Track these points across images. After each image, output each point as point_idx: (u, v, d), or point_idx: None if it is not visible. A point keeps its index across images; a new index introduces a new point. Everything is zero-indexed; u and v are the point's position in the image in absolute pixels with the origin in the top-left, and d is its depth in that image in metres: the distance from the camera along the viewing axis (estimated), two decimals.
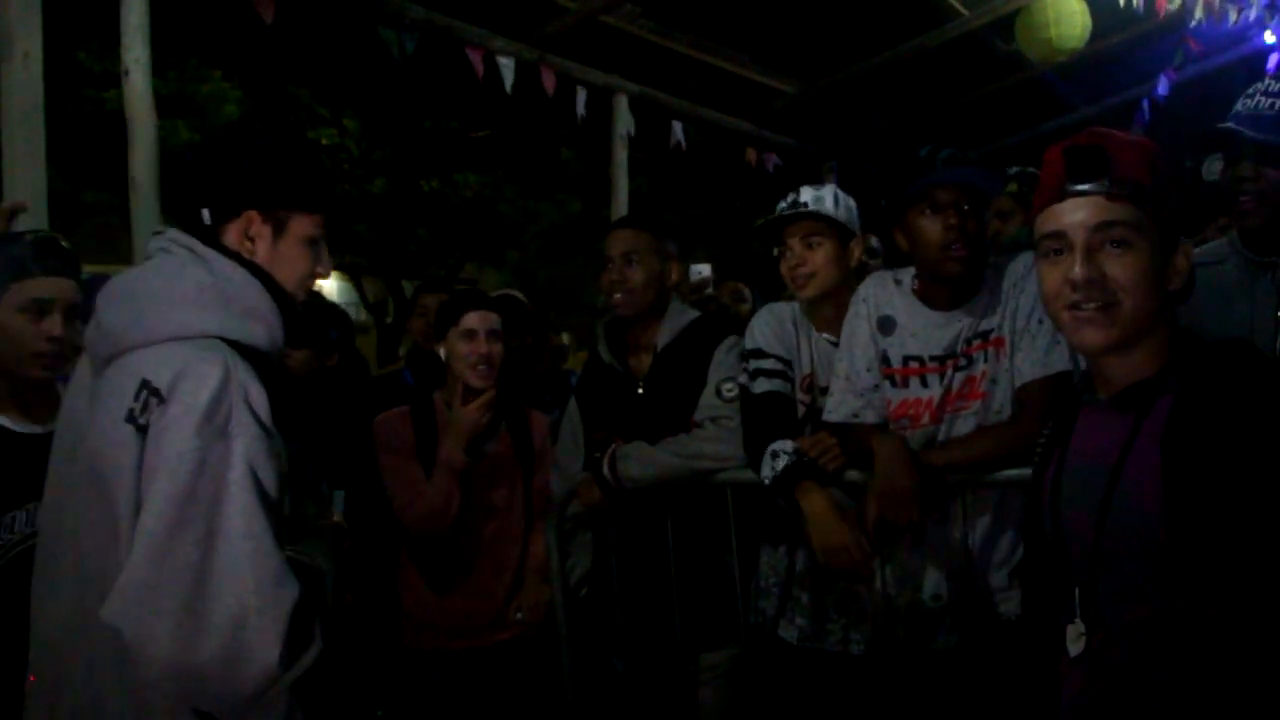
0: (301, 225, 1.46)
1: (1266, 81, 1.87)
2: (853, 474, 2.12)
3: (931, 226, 2.01)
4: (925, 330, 2.10)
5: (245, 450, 1.26)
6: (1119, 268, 1.23)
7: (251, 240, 1.43)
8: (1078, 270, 1.25)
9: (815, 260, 2.32)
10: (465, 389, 2.68)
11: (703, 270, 2.77)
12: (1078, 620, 1.27)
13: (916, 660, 2.15)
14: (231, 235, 1.43)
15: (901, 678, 2.18)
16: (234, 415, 1.27)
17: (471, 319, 2.66)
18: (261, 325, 1.40)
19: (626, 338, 2.58)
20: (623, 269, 2.48)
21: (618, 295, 2.48)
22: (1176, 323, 1.29)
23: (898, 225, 2.09)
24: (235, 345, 1.35)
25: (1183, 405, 1.19)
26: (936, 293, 2.10)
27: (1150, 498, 1.18)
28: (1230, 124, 1.85)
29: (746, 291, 3.70)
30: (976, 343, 2.06)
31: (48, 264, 1.84)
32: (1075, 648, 1.27)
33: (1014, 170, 3.37)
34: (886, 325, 2.15)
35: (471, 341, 2.66)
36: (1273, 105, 1.83)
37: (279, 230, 1.44)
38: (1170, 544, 1.16)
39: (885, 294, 2.17)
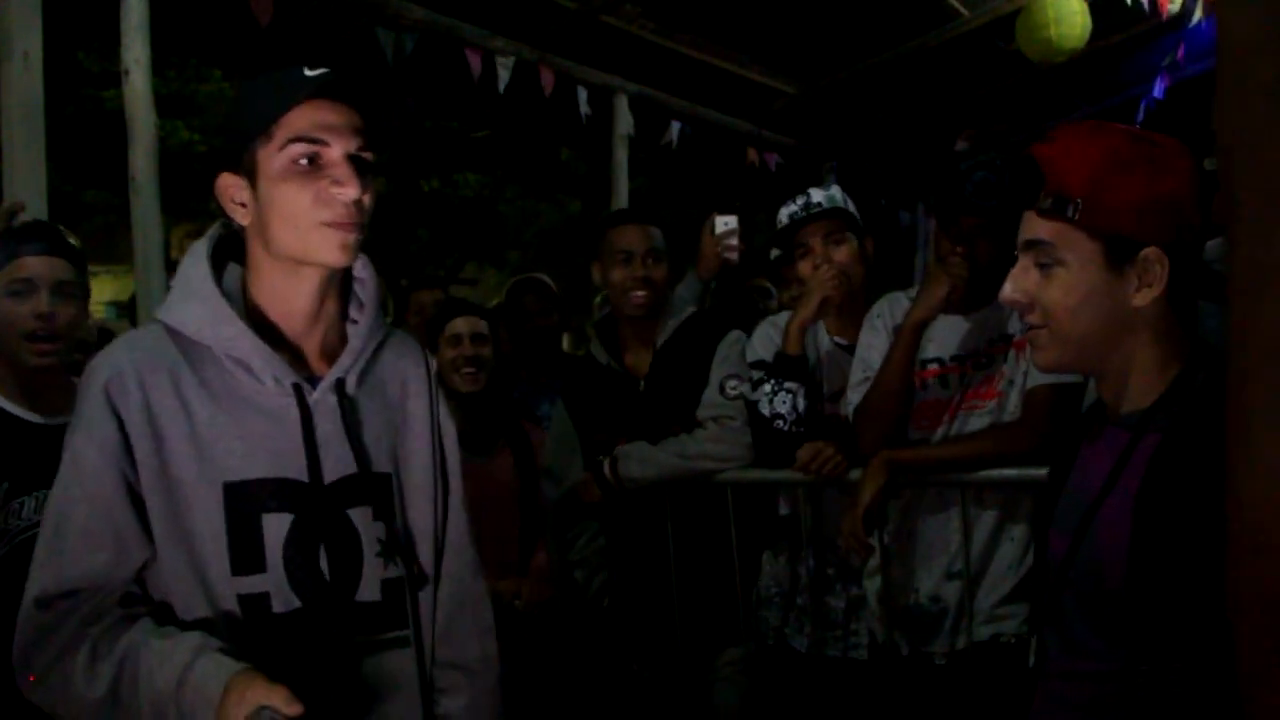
0: None
1: None
2: (855, 473, 2.12)
3: (948, 248, 2.05)
4: (945, 333, 2.11)
5: None
6: (1043, 290, 1.16)
7: None
8: (1005, 289, 1.19)
9: (841, 257, 2.32)
10: (451, 394, 2.69)
11: (730, 221, 2.72)
12: (1035, 637, 1.25)
13: (918, 664, 2.15)
14: None
15: (904, 683, 2.18)
16: None
17: (457, 324, 2.71)
18: None
19: (621, 337, 2.55)
20: (648, 266, 2.42)
21: (640, 293, 2.42)
22: (1192, 341, 1.17)
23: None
24: None
25: (1165, 451, 1.10)
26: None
27: (1110, 549, 1.12)
28: None
29: (772, 289, 3.70)
30: (999, 344, 2.07)
31: (32, 246, 1.88)
32: (1031, 658, 1.26)
33: None
34: None
35: (457, 346, 2.69)
36: None
37: None
38: (1129, 604, 1.09)
39: (901, 308, 2.19)
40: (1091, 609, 1.15)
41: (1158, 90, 5.27)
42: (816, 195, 2.37)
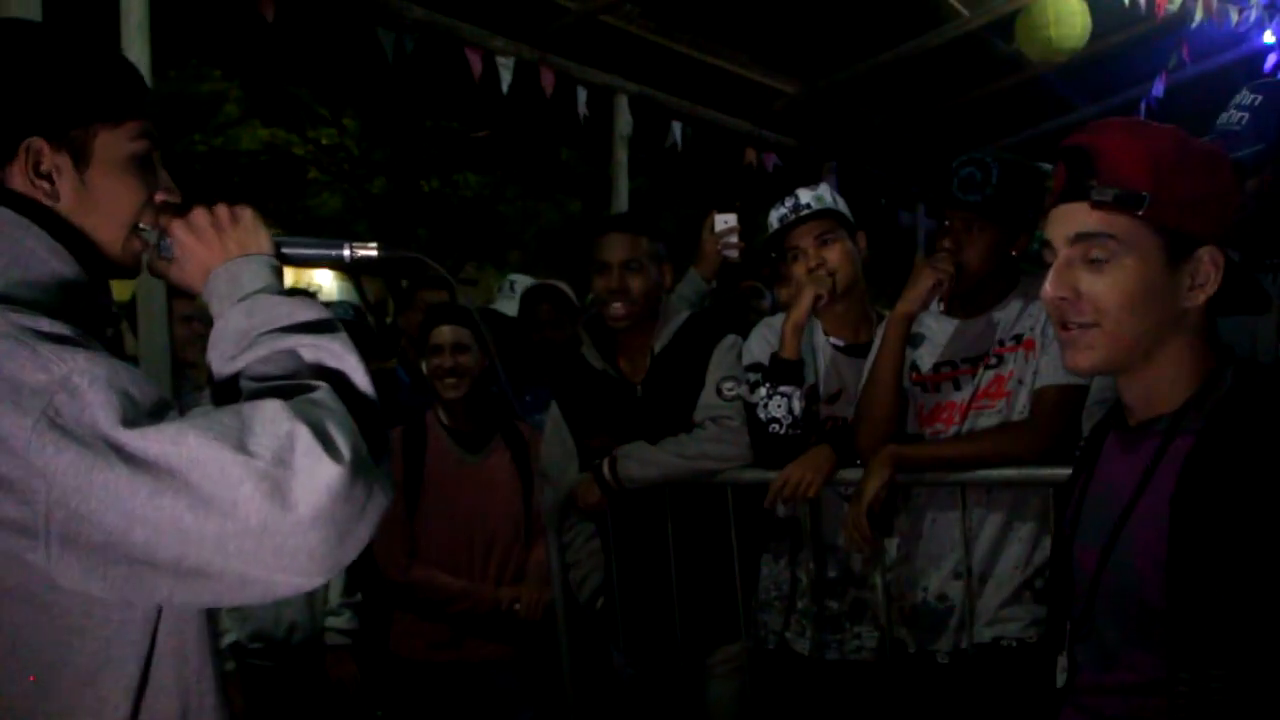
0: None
1: (1241, 93, 1.87)
2: (848, 472, 2.14)
3: (941, 246, 2.07)
4: (956, 337, 2.14)
5: None
6: (1097, 286, 1.10)
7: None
8: (1047, 287, 1.14)
9: (833, 257, 2.33)
10: (440, 403, 2.75)
11: (729, 219, 2.76)
12: (1064, 654, 1.22)
13: (921, 663, 2.15)
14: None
15: (905, 683, 2.18)
16: None
17: (441, 333, 2.75)
18: None
19: (616, 341, 2.52)
20: (623, 277, 2.39)
21: (617, 304, 2.40)
22: (1217, 340, 1.15)
23: None
24: None
25: (1200, 455, 1.07)
26: (955, 302, 2.14)
27: (1145, 557, 1.09)
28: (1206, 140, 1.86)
29: (765, 290, 3.73)
30: (1010, 344, 2.08)
31: None
32: (1060, 679, 1.22)
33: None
34: (915, 340, 2.16)
35: (439, 355, 2.75)
36: (1241, 120, 1.83)
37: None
38: (1169, 613, 1.07)
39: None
40: (1127, 619, 1.13)
41: (1157, 90, 5.27)
42: (805, 196, 2.36)
